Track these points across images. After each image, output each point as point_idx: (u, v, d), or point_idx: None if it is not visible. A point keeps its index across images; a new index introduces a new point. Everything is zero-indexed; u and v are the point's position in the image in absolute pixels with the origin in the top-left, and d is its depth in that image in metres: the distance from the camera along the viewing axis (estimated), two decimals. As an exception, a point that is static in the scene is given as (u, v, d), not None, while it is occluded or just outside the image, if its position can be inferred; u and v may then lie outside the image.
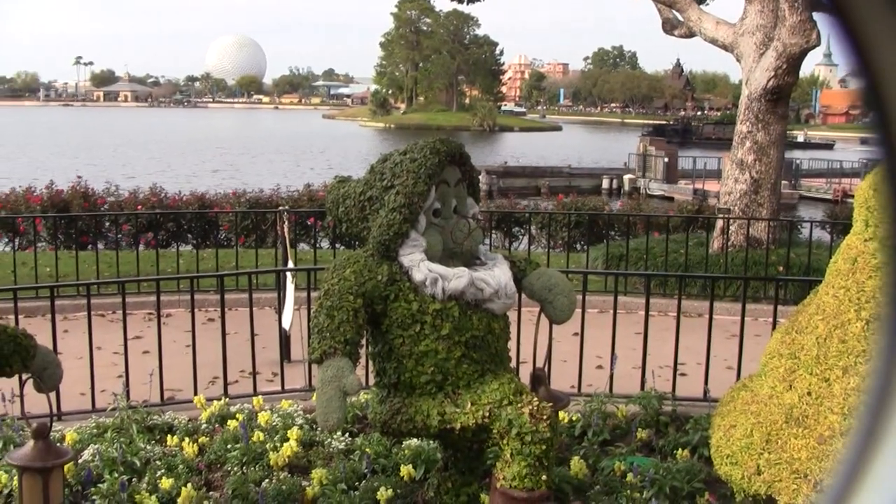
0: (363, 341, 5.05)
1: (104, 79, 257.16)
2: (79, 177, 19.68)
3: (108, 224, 17.32)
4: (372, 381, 5.66)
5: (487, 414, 4.85)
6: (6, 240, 17.29)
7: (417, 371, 5.03)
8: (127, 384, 7.70)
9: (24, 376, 5.13)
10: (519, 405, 4.79)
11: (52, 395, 5.57)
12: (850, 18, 1.21)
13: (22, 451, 5.19)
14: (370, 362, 5.61)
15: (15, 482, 5.68)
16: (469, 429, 4.94)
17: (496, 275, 5.18)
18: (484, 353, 5.13)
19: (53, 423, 5.33)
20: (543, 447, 4.71)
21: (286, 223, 9.56)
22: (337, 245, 16.78)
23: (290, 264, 9.48)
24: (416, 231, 5.07)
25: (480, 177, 5.40)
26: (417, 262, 5.01)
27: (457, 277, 5.02)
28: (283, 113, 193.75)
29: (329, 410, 4.57)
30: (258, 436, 6.60)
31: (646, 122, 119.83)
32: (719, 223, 15.46)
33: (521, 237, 19.05)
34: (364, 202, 5.24)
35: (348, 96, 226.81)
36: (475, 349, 5.08)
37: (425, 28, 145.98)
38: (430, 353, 4.99)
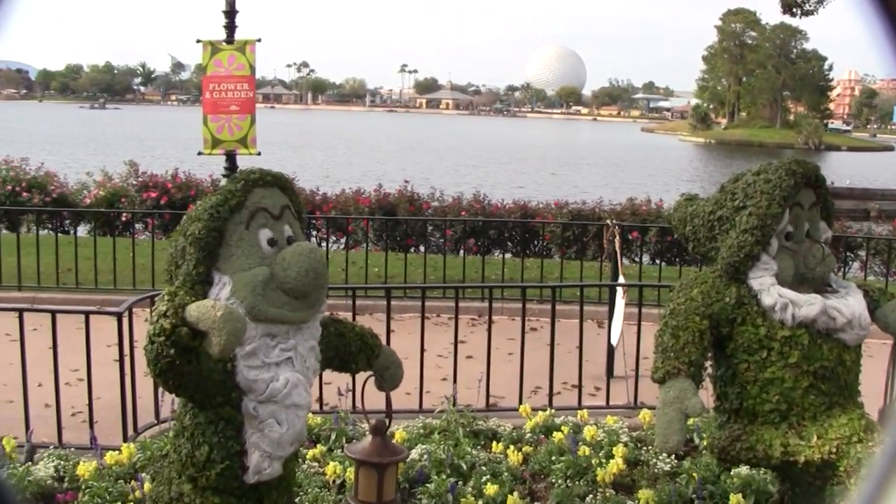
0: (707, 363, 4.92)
1: (427, 86, 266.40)
2: (406, 181, 20.38)
3: (430, 228, 17.85)
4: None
5: (834, 450, 4.60)
6: (333, 238, 18.15)
7: (761, 398, 4.84)
8: (454, 388, 7.86)
9: (366, 374, 5.32)
10: (870, 443, 4.51)
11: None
12: None
13: (360, 445, 5.37)
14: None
15: (347, 473, 5.91)
16: (813, 463, 4.70)
17: (850, 304, 4.91)
18: (833, 384, 4.86)
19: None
20: (895, 491, 4.40)
21: (618, 237, 9.49)
22: (657, 261, 16.60)
23: (621, 279, 9.40)
24: (766, 254, 4.89)
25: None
26: (768, 286, 4.82)
27: (808, 304, 4.79)
28: (600, 125, 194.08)
29: (669, 432, 4.47)
30: (584, 450, 6.55)
31: None
32: None
33: (850, 263, 18.09)
34: (714, 222, 5.09)
35: (668, 110, 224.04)
36: (824, 380, 4.83)
37: (750, 41, 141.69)
38: (775, 380, 4.79)
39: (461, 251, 17.10)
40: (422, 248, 17.45)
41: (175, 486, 4.46)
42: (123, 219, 18.36)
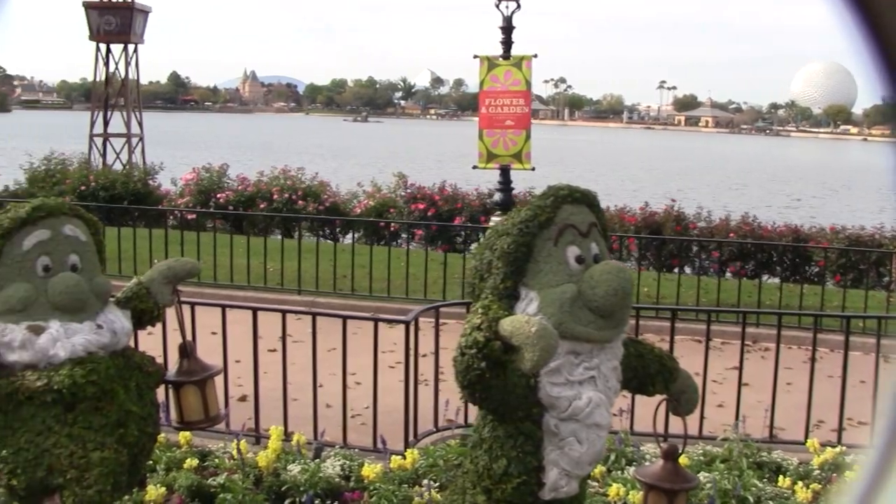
0: None
1: (686, 103, 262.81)
2: (672, 200, 20.09)
3: (695, 249, 17.51)
4: None
5: None
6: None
7: None
8: (737, 416, 7.64)
9: (660, 397, 5.21)
10: None
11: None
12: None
13: (651, 468, 5.27)
14: None
15: (630, 496, 5.85)
16: None
17: None
18: None
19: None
20: None
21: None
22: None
23: (922, 311, 8.93)
24: None
25: None
26: None
27: None
28: (871, 146, 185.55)
29: None
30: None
31: None
32: None
33: None
34: None
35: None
36: None
37: None
38: None
39: (727, 273, 16.70)
40: (686, 269, 17.16)
41: (469, 497, 4.49)
42: (391, 229, 18.91)
